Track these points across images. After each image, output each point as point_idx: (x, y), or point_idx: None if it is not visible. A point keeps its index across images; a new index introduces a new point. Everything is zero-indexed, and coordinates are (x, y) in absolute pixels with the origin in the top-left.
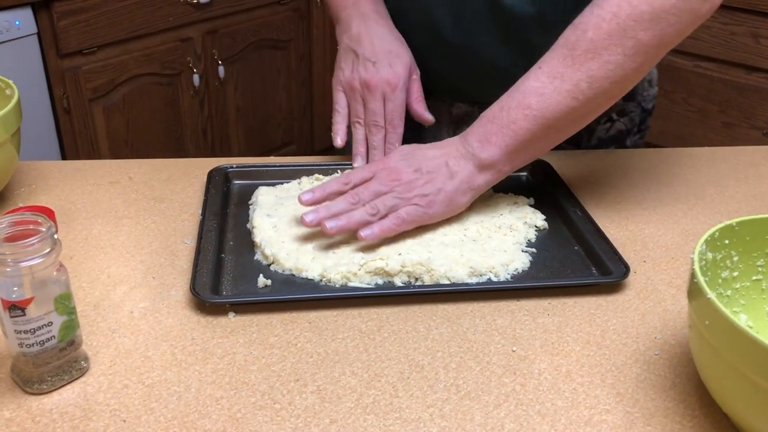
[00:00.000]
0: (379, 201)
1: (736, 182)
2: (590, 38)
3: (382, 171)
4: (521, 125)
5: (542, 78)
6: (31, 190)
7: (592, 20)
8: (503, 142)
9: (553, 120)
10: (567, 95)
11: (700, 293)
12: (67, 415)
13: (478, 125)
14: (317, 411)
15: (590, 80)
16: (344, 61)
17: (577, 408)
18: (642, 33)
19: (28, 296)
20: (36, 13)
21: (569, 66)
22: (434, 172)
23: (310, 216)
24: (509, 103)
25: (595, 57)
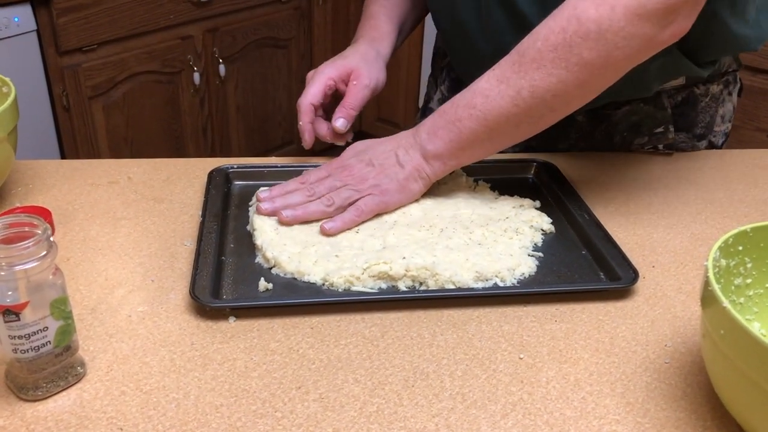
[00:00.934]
0: (335, 193)
1: (745, 186)
2: (538, 48)
3: (336, 169)
4: (465, 124)
5: (492, 80)
6: (28, 190)
7: (543, 31)
8: (448, 137)
9: (494, 123)
10: (509, 100)
11: (715, 301)
12: (63, 423)
13: (431, 118)
14: (319, 420)
15: (532, 89)
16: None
17: (586, 418)
18: (586, 51)
19: (23, 300)
20: (35, 9)
21: (516, 72)
22: (385, 163)
23: (266, 204)
24: (459, 100)
25: (539, 67)
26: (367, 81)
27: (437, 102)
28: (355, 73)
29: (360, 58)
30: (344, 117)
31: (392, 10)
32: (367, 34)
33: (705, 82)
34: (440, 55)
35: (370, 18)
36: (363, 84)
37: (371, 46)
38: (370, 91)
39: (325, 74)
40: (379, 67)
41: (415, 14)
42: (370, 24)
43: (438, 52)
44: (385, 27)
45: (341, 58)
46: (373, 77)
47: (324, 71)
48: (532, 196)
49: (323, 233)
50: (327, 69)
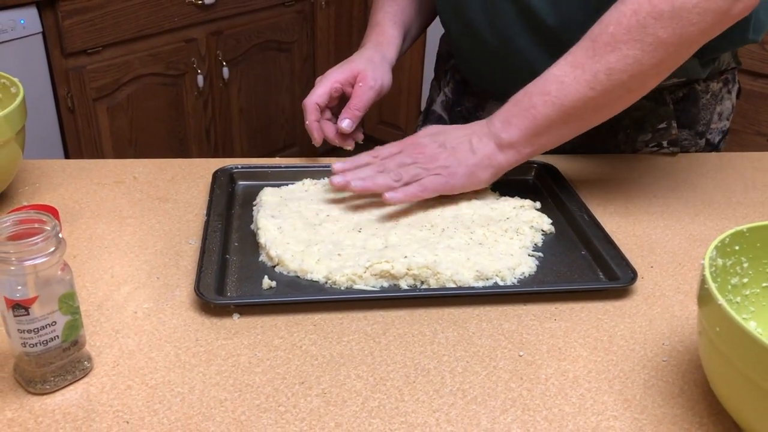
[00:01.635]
0: (403, 170)
1: (744, 188)
2: (611, 32)
3: (408, 146)
4: (540, 110)
5: (564, 67)
6: (35, 189)
7: (614, 16)
8: (523, 125)
9: (570, 107)
10: (585, 84)
11: (711, 299)
12: (70, 416)
13: (504, 108)
14: (322, 414)
15: (608, 72)
16: None
17: (584, 414)
18: (661, 30)
19: (32, 295)
20: (41, 12)
21: (590, 57)
22: (457, 147)
23: (338, 178)
24: (532, 88)
25: (614, 50)
26: (372, 83)
27: (440, 105)
28: (361, 75)
29: (366, 61)
30: (349, 117)
31: (397, 16)
32: (373, 39)
33: (705, 80)
34: (443, 58)
35: (376, 25)
36: (368, 86)
37: (377, 50)
38: (375, 92)
39: (331, 77)
40: (384, 69)
41: (421, 20)
42: (375, 30)
43: (441, 56)
44: (390, 32)
45: (347, 63)
46: (378, 79)
47: (331, 74)
48: (533, 197)
49: (384, 201)
50: (334, 72)
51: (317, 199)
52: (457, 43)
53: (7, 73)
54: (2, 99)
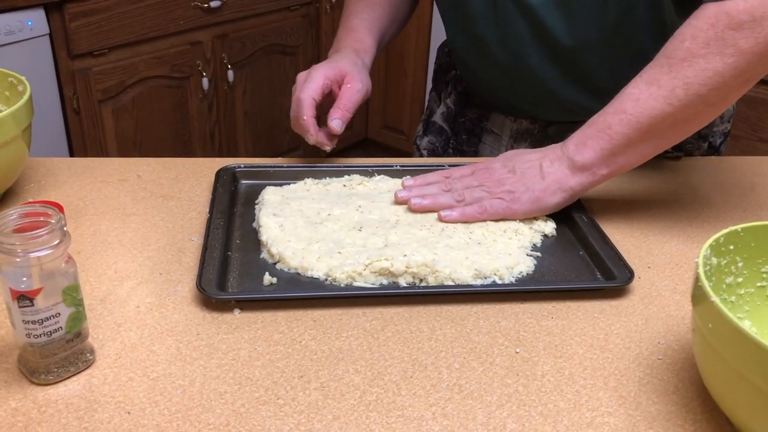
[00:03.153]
0: (467, 191)
1: (742, 192)
2: (687, 47)
3: (480, 170)
4: (616, 129)
5: (640, 85)
6: (40, 186)
7: (689, 30)
8: (598, 146)
9: (647, 125)
10: (662, 101)
11: (704, 297)
12: (73, 406)
13: (579, 130)
14: (320, 407)
15: (686, 87)
16: None
17: (579, 410)
18: (742, 41)
19: (37, 287)
20: (48, 13)
21: (666, 73)
22: (526, 172)
23: (403, 192)
24: (608, 108)
25: (692, 64)
26: (360, 85)
27: (441, 116)
28: (349, 77)
29: (351, 64)
30: (340, 118)
31: (374, 25)
32: (350, 45)
33: None
34: (443, 69)
35: (352, 31)
36: (356, 88)
37: (357, 56)
38: (362, 95)
39: (321, 72)
40: (367, 75)
41: (393, 29)
42: (352, 36)
43: (441, 67)
44: (367, 40)
45: (333, 62)
46: (365, 83)
47: (320, 70)
48: None
49: (440, 219)
50: (322, 68)
51: (318, 198)
52: (463, 57)
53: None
54: (9, 97)
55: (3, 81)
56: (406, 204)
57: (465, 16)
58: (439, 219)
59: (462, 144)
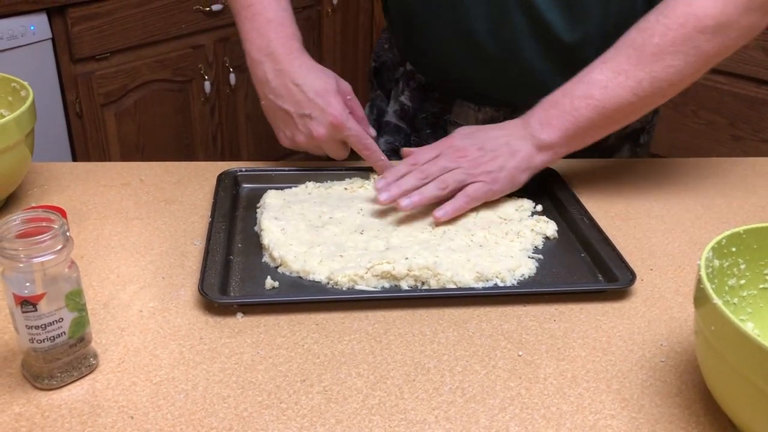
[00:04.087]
0: (448, 176)
1: (744, 193)
2: (656, 43)
3: (447, 149)
4: (582, 113)
5: (607, 73)
6: (43, 191)
7: (659, 28)
8: (563, 126)
9: (611, 111)
10: (629, 90)
11: (707, 299)
12: (76, 411)
13: (540, 109)
14: (323, 411)
15: (652, 80)
16: (279, 121)
17: (582, 413)
18: (705, 44)
19: (40, 292)
20: (51, 18)
21: (633, 65)
22: (497, 150)
23: (384, 195)
24: (573, 91)
25: (659, 60)
26: (349, 88)
27: (395, 114)
28: (347, 90)
29: (321, 74)
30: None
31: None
32: (297, 46)
33: None
34: (388, 67)
35: (281, 26)
36: (352, 93)
37: (298, 54)
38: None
39: (333, 88)
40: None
41: None
42: (286, 33)
43: (385, 65)
44: (298, 34)
45: (325, 71)
46: (339, 81)
47: (331, 83)
48: (534, 200)
49: (435, 220)
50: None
51: (320, 201)
52: (442, 49)
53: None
54: (12, 102)
55: (6, 86)
56: (393, 207)
57: (457, 10)
58: (434, 220)
59: (426, 139)
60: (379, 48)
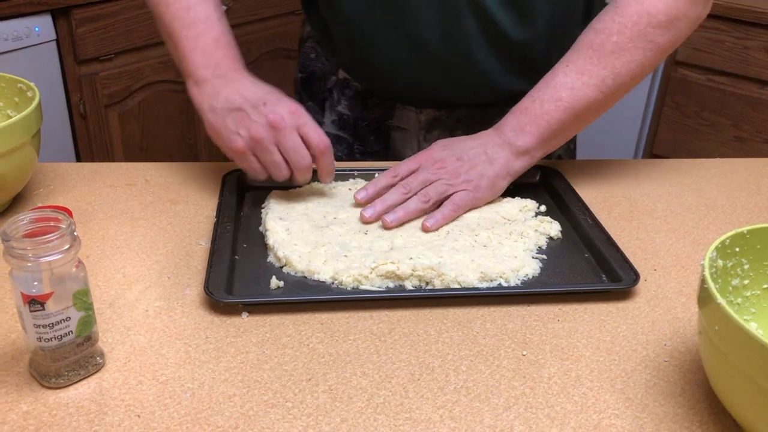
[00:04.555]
0: (431, 188)
1: (748, 193)
2: (615, 41)
3: (426, 161)
4: (554, 116)
5: (571, 75)
6: (49, 191)
7: (615, 27)
8: (537, 131)
9: (580, 111)
10: (595, 89)
11: (710, 299)
12: (83, 409)
13: (511, 117)
14: (328, 410)
15: (615, 76)
16: (230, 123)
17: (586, 412)
18: (660, 38)
19: (47, 291)
20: (55, 19)
21: (595, 64)
22: (474, 159)
23: (369, 211)
24: (541, 96)
25: (619, 57)
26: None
27: (333, 125)
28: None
29: (273, 88)
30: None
31: (220, 8)
32: (238, 58)
33: None
34: (318, 77)
35: (227, 47)
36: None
37: (249, 75)
38: None
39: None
40: None
41: None
42: (235, 55)
43: (314, 75)
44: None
45: (277, 93)
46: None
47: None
48: (538, 201)
49: (424, 230)
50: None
51: (324, 202)
52: (389, 58)
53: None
54: (19, 103)
55: (12, 87)
56: (376, 222)
57: (403, 16)
58: (422, 229)
59: (371, 146)
60: (305, 58)
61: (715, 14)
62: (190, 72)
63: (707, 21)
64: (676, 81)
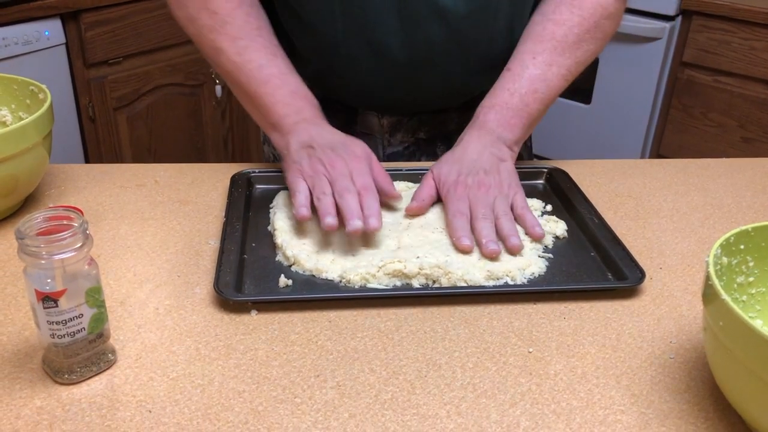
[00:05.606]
0: (499, 209)
1: (754, 193)
2: (576, 33)
3: (471, 189)
4: (533, 107)
5: (541, 66)
6: (60, 192)
7: (576, 19)
8: (521, 123)
9: (551, 100)
10: (562, 78)
11: (715, 295)
12: (96, 405)
13: (493, 113)
14: (336, 405)
15: (577, 65)
16: (299, 158)
17: (592, 408)
18: (608, 27)
19: (60, 288)
20: (65, 23)
21: (560, 54)
22: (493, 165)
23: (466, 242)
24: (519, 89)
25: (579, 47)
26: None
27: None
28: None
29: (353, 138)
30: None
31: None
32: (312, 103)
33: None
34: None
35: (297, 95)
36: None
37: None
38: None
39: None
40: None
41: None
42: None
43: None
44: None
45: (353, 142)
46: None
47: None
48: (545, 201)
49: (512, 248)
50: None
51: None
52: (349, 63)
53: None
54: (30, 105)
55: (24, 89)
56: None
57: (363, 24)
58: (511, 248)
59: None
60: None
61: (721, 15)
62: (275, 123)
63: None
64: (683, 82)
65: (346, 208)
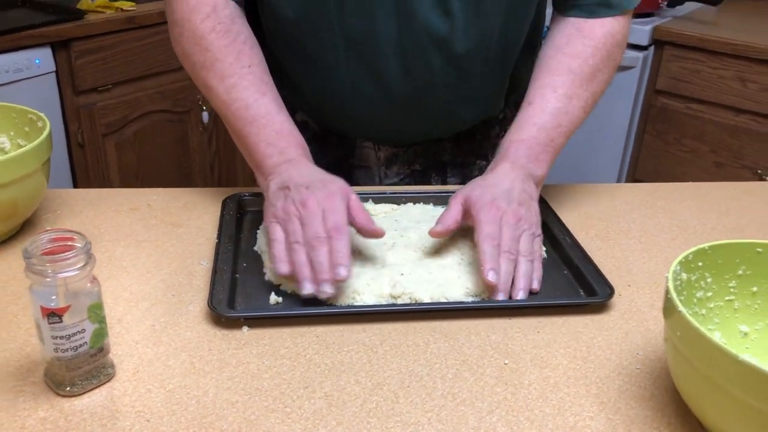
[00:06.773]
0: (525, 245)
1: (718, 215)
2: (591, 64)
3: (504, 220)
4: (558, 142)
5: (562, 100)
6: (56, 216)
7: (589, 50)
8: (548, 158)
9: (572, 132)
10: (582, 110)
11: (673, 308)
12: (96, 416)
13: (523, 148)
14: (324, 415)
15: (594, 96)
16: (275, 200)
17: (563, 415)
18: (618, 56)
19: (64, 305)
20: (55, 52)
21: (579, 87)
22: (524, 200)
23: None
24: (544, 124)
25: (595, 78)
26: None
27: None
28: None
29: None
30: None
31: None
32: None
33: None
34: None
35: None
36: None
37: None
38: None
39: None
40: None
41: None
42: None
43: None
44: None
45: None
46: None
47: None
48: None
49: (533, 290)
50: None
51: None
52: (348, 92)
53: None
54: (29, 132)
55: (23, 117)
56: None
57: (360, 48)
58: (532, 290)
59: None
60: None
61: (691, 45)
62: (258, 163)
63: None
64: (657, 109)
65: (314, 261)
